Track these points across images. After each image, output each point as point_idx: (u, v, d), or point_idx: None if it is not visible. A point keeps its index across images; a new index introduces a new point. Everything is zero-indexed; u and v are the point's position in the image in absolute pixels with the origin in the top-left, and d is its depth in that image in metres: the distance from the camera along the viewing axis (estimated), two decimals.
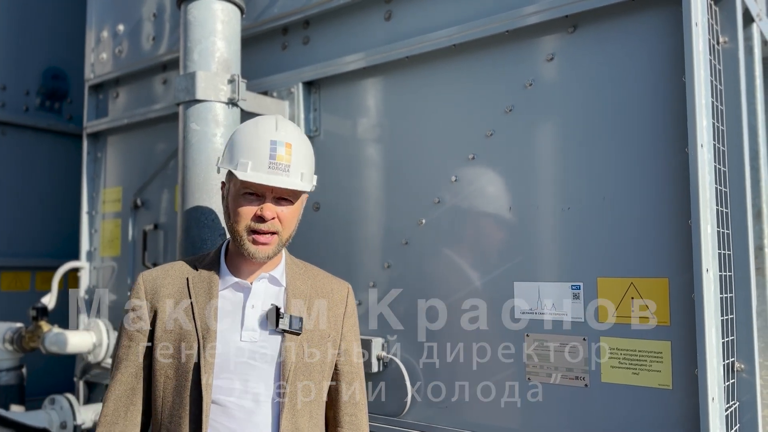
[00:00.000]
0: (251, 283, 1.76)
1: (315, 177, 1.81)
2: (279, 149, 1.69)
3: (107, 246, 3.60)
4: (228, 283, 1.76)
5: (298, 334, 1.73)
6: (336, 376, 1.84)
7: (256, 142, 1.70)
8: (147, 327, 1.74)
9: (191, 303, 1.73)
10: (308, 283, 1.84)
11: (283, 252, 1.86)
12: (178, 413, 1.66)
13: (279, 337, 1.72)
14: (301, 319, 1.74)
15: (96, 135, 3.71)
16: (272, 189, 1.70)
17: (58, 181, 4.59)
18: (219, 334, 1.70)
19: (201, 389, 1.65)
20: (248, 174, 1.66)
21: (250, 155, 1.69)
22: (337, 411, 1.84)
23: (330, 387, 1.84)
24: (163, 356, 1.71)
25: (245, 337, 1.71)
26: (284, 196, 1.72)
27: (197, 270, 1.79)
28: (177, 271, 1.80)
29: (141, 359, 1.73)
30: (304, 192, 1.76)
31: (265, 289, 1.78)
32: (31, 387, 3.76)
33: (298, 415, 1.70)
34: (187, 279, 1.77)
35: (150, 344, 1.73)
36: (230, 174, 1.75)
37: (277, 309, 1.72)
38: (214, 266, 1.79)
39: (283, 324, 1.71)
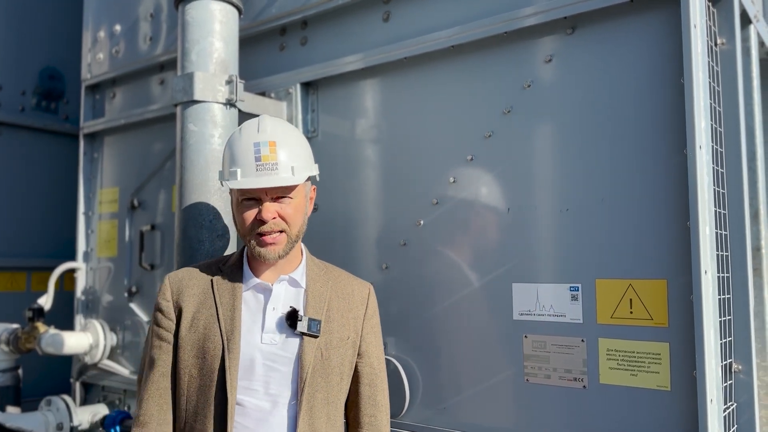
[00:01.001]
0: (272, 285, 1.78)
1: (315, 166, 1.84)
2: (263, 149, 1.72)
3: (104, 247, 3.59)
4: (250, 285, 1.79)
5: (316, 337, 1.74)
6: (356, 377, 1.85)
7: (241, 148, 1.74)
8: (173, 326, 1.77)
9: (215, 304, 1.76)
10: (328, 284, 1.85)
11: (304, 253, 1.89)
12: (203, 412, 1.69)
13: (297, 340, 1.73)
14: (319, 322, 1.75)
15: (93, 135, 3.70)
16: (266, 190, 1.72)
17: (55, 181, 4.58)
18: (242, 335, 1.72)
19: (226, 390, 1.67)
20: (238, 182, 1.71)
21: (238, 162, 1.73)
22: (357, 412, 1.85)
23: (350, 388, 1.85)
24: (187, 356, 1.73)
25: (266, 339, 1.73)
26: (280, 194, 1.73)
27: (221, 272, 1.83)
28: (202, 272, 1.84)
29: (170, 359, 1.76)
30: (297, 185, 1.77)
31: (285, 291, 1.80)
32: (27, 388, 3.75)
33: (315, 417, 1.71)
34: (212, 281, 1.81)
35: (175, 343, 1.76)
36: None
37: (296, 311, 1.73)
38: (237, 268, 1.83)
39: (302, 327, 1.72)
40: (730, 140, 2.16)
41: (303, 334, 1.72)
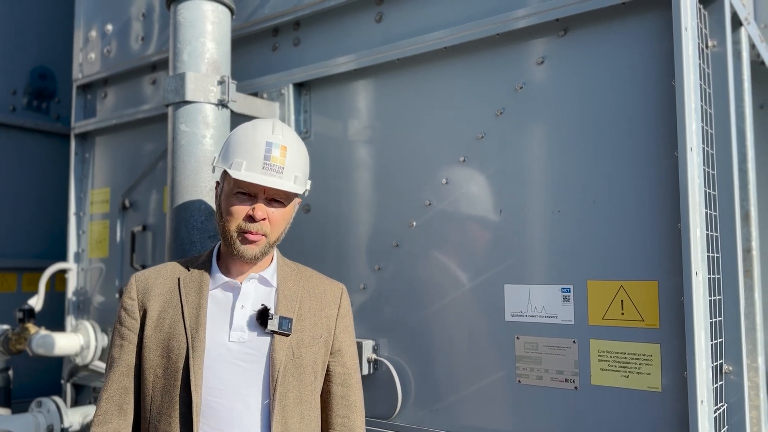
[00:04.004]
0: (241, 283, 1.76)
1: (309, 182, 1.83)
2: (274, 151, 1.71)
3: (95, 247, 3.57)
4: (218, 283, 1.77)
5: (287, 335, 1.72)
6: (328, 377, 1.84)
7: (252, 142, 1.72)
8: (137, 326, 1.75)
9: (181, 302, 1.73)
10: (300, 283, 1.84)
11: (275, 253, 1.87)
12: (167, 412, 1.66)
13: (268, 338, 1.72)
14: (290, 320, 1.73)
15: (84, 135, 3.69)
16: (265, 190, 1.71)
17: (46, 181, 4.55)
18: (208, 333, 1.70)
19: (190, 389, 1.65)
20: (242, 173, 1.68)
21: (245, 155, 1.71)
22: (329, 413, 1.83)
23: (323, 388, 1.84)
24: (152, 355, 1.71)
25: (233, 337, 1.71)
26: (276, 198, 1.73)
27: (189, 270, 1.80)
28: (169, 271, 1.82)
29: (132, 358, 1.74)
30: (296, 195, 1.78)
31: (255, 289, 1.78)
32: (17, 390, 3.72)
33: (288, 417, 1.70)
34: (179, 279, 1.78)
35: (140, 343, 1.74)
36: (225, 173, 1.78)
37: (267, 309, 1.72)
38: (205, 266, 1.80)
39: (272, 325, 1.70)
40: (721, 142, 2.17)
41: (274, 332, 1.71)
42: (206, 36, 2.39)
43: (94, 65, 3.61)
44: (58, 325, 3.66)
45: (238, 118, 2.53)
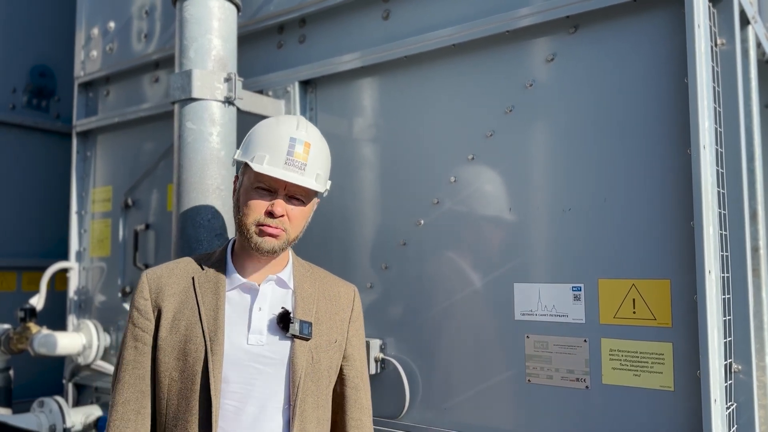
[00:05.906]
0: (259, 285, 1.73)
1: (329, 182, 1.80)
2: (297, 147, 1.68)
3: (97, 246, 3.55)
4: (235, 284, 1.72)
5: (307, 339, 1.70)
6: (341, 380, 1.82)
7: (276, 137, 1.69)
8: (152, 326, 1.70)
9: (197, 303, 1.69)
10: (315, 285, 1.81)
11: (290, 253, 1.84)
12: (184, 416, 1.63)
13: (287, 342, 1.69)
14: (310, 324, 1.71)
15: (86, 133, 3.66)
16: (285, 185, 1.68)
17: (45, 179, 4.53)
18: (225, 336, 1.66)
19: (210, 392, 1.61)
20: (264, 167, 1.65)
21: (268, 149, 1.68)
22: (342, 415, 1.82)
23: (334, 392, 1.82)
24: (168, 358, 1.66)
25: (252, 340, 1.67)
26: (297, 195, 1.70)
27: (203, 269, 1.75)
28: (182, 269, 1.76)
29: (148, 361, 1.69)
30: (317, 193, 1.75)
31: (273, 291, 1.75)
32: (18, 390, 3.70)
33: (307, 421, 1.68)
34: (193, 278, 1.73)
35: (154, 344, 1.69)
36: (245, 167, 1.74)
37: (288, 313, 1.69)
38: (220, 265, 1.75)
39: (294, 329, 1.67)
40: (730, 141, 2.16)
41: (295, 336, 1.68)
42: (213, 33, 2.37)
43: (95, 63, 3.59)
44: (59, 325, 3.63)
45: (244, 116, 2.52)
